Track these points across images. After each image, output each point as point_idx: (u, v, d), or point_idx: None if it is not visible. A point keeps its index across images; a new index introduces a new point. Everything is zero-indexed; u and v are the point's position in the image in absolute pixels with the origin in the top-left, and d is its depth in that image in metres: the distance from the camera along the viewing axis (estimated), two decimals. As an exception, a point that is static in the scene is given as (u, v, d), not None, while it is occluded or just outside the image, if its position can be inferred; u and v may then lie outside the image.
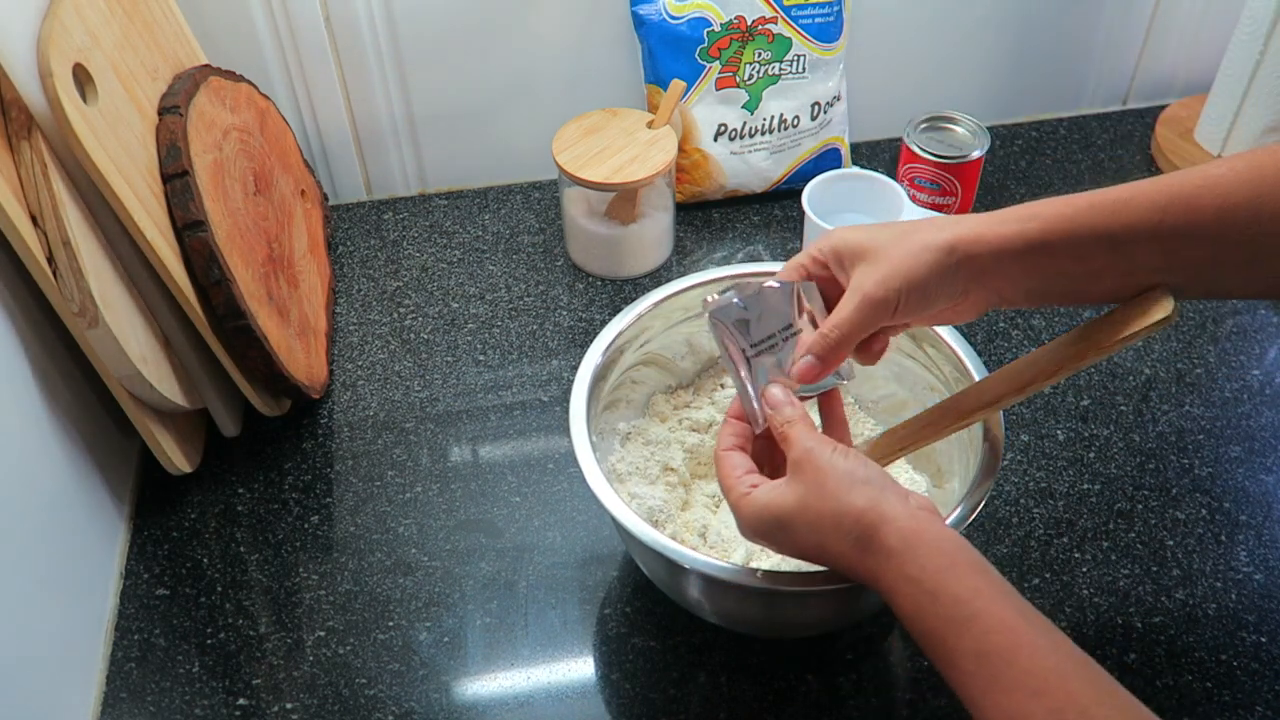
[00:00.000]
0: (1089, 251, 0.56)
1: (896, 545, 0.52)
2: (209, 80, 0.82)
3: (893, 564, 0.52)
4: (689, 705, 0.71)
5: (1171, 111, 1.13)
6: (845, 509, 0.54)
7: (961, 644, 0.49)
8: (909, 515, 0.53)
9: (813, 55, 1.01)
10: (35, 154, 0.67)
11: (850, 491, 0.54)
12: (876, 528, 0.53)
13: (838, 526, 0.54)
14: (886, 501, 0.53)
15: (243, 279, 0.77)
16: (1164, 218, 0.55)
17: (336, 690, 0.72)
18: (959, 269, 0.57)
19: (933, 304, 0.58)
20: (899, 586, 0.52)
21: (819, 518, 0.54)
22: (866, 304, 0.57)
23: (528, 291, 0.99)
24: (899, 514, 0.53)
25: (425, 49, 1.00)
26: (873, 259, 0.58)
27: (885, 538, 0.52)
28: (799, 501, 0.55)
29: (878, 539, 0.52)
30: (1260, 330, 0.93)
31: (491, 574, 0.78)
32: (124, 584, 0.78)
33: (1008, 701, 0.47)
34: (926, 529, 0.52)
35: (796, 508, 0.55)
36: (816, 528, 0.54)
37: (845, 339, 0.59)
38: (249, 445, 0.87)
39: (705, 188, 1.05)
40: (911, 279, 0.56)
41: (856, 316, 0.58)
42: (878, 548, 0.52)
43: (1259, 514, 0.80)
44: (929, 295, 0.57)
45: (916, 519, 0.53)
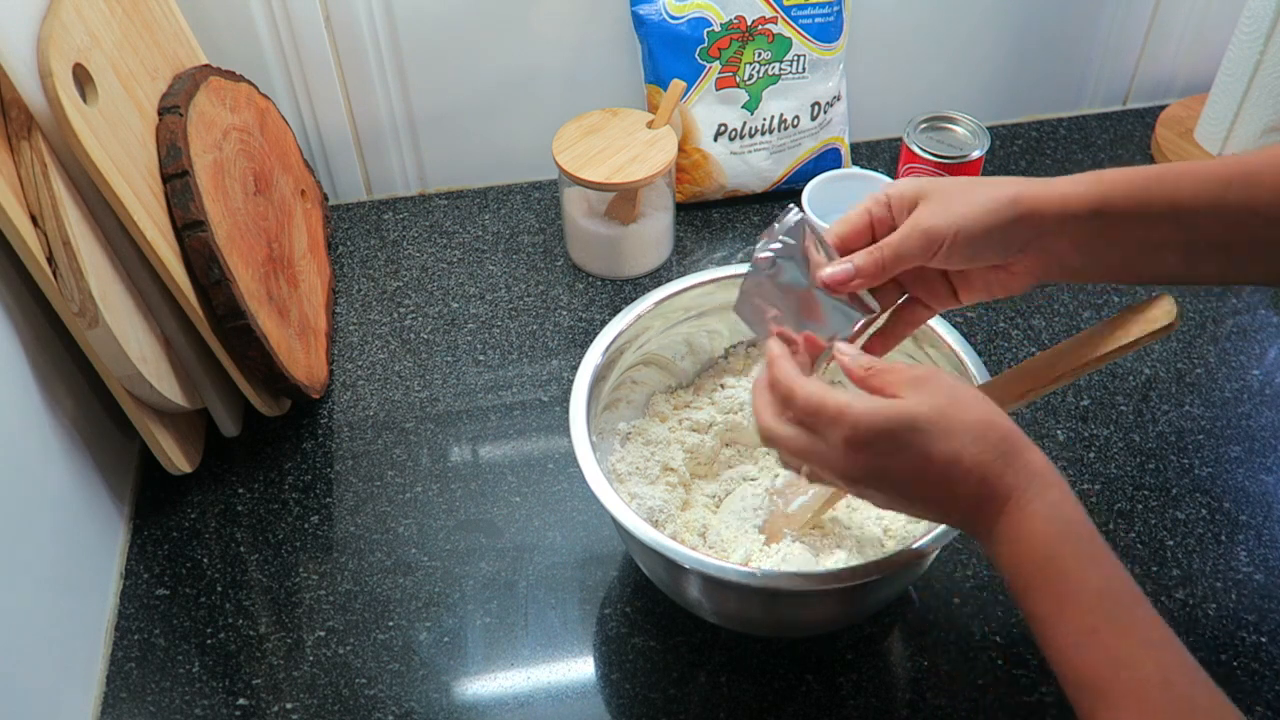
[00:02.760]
0: (1153, 220, 0.56)
1: (1041, 469, 0.51)
2: (209, 80, 0.82)
3: (1036, 482, 0.50)
4: (689, 705, 0.71)
5: (1171, 111, 1.13)
6: (991, 420, 0.52)
7: (1089, 579, 0.49)
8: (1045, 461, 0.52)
9: (813, 55, 1.01)
10: (35, 154, 0.67)
11: (992, 410, 0.52)
12: (1023, 449, 0.51)
13: (983, 435, 0.51)
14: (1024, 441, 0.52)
15: (243, 279, 0.77)
16: (1227, 191, 0.55)
17: (336, 690, 0.72)
18: (1019, 223, 0.56)
19: (982, 254, 0.57)
20: (1036, 507, 0.50)
21: (959, 425, 0.51)
22: (917, 231, 0.57)
23: (528, 291, 0.99)
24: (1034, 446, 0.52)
25: (425, 49, 1.00)
26: (934, 199, 0.58)
27: (1031, 460, 0.51)
28: (934, 409, 0.51)
29: (1023, 458, 0.51)
30: (1260, 330, 0.93)
31: (491, 574, 0.78)
32: (124, 584, 0.78)
33: (1120, 645, 0.47)
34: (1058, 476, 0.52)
35: (932, 414, 0.51)
36: (955, 434, 0.51)
37: (889, 259, 0.58)
38: (249, 445, 0.87)
39: (705, 188, 1.05)
40: (967, 221, 0.56)
41: (904, 242, 0.57)
42: (1022, 466, 0.51)
43: (1259, 514, 0.80)
44: (980, 244, 0.56)
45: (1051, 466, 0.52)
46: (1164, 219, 0.56)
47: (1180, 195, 0.55)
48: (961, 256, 0.57)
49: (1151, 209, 0.56)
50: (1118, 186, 0.56)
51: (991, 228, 0.56)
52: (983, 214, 0.56)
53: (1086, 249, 0.57)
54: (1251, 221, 0.55)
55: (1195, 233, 0.56)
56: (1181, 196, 0.55)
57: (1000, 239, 0.56)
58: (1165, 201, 0.55)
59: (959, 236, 0.56)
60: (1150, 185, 0.56)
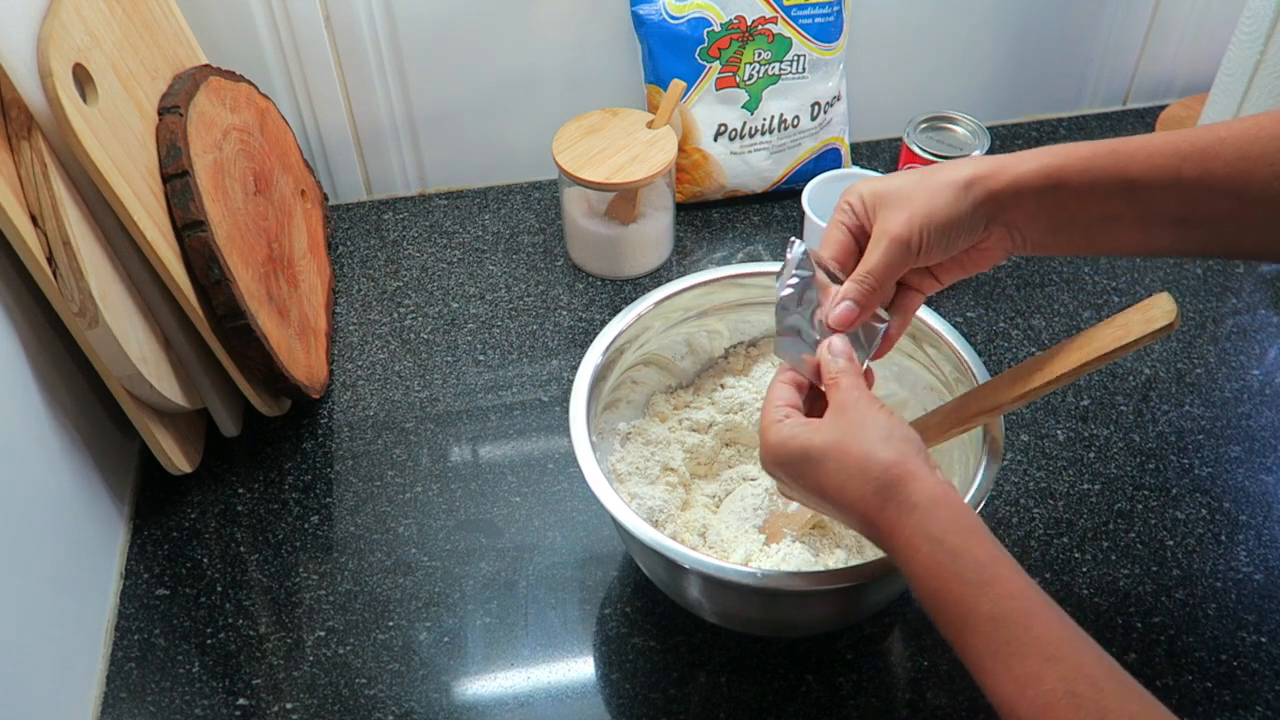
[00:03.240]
0: (1107, 193, 0.56)
1: (921, 501, 0.52)
2: (209, 80, 0.82)
3: (914, 518, 0.52)
4: (689, 705, 0.71)
5: (1171, 111, 1.13)
6: (876, 456, 0.53)
7: (980, 606, 0.49)
8: (935, 479, 0.53)
9: (813, 55, 1.01)
10: (35, 154, 0.67)
11: (885, 442, 0.54)
12: (904, 481, 0.53)
13: (864, 471, 0.53)
14: (915, 461, 0.53)
15: (243, 279, 0.77)
16: (1182, 165, 0.55)
17: (336, 690, 0.72)
18: (978, 204, 0.57)
19: (955, 242, 0.58)
20: (917, 542, 0.51)
21: (848, 458, 0.54)
22: (892, 245, 0.58)
23: (528, 291, 0.99)
24: (926, 475, 0.53)
25: (425, 49, 1.00)
26: (895, 203, 0.58)
27: (910, 492, 0.52)
28: (833, 440, 0.55)
29: (902, 491, 0.52)
30: (1260, 330, 0.93)
31: (491, 574, 0.78)
32: (124, 584, 0.78)
33: (1020, 666, 0.47)
34: (950, 494, 0.53)
35: (829, 444, 0.55)
36: (843, 468, 0.54)
37: (878, 282, 0.59)
38: (249, 445, 0.87)
39: (705, 188, 1.05)
40: (933, 216, 0.57)
41: (884, 259, 0.58)
42: (901, 500, 0.52)
43: (1259, 514, 0.80)
44: (951, 232, 0.58)
45: (942, 484, 0.53)
46: (1117, 193, 0.56)
47: (1133, 170, 0.56)
48: (937, 250, 0.58)
49: (1104, 183, 0.56)
50: (1070, 162, 0.57)
51: (954, 218, 0.57)
52: (944, 206, 0.57)
53: (1044, 224, 0.58)
54: (1207, 196, 0.55)
55: (1150, 206, 0.56)
56: (1134, 171, 0.56)
57: (966, 224, 0.58)
58: (1118, 176, 0.56)
59: (928, 235, 0.57)
60: (1103, 160, 0.56)
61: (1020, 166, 0.57)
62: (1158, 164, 0.56)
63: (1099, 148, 0.57)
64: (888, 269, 0.59)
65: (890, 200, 0.59)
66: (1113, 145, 0.57)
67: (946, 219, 0.57)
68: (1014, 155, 0.58)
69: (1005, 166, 0.57)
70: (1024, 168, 0.57)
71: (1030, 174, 0.57)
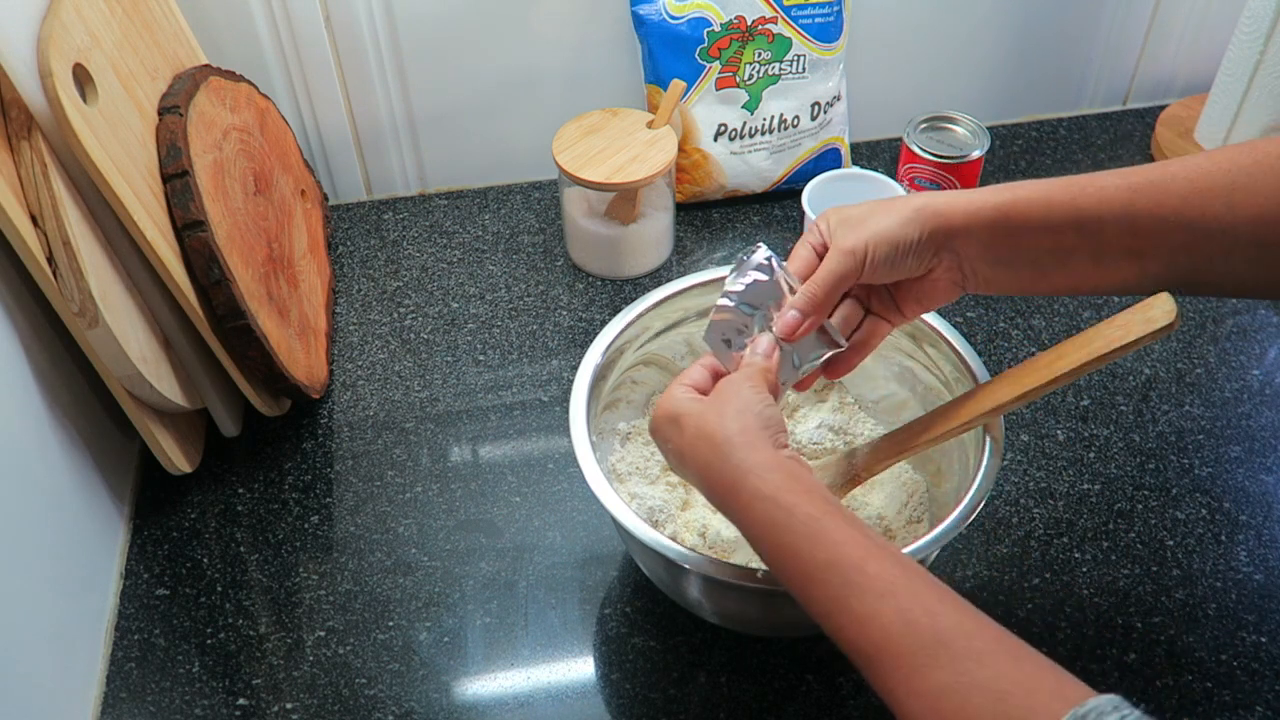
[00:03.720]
0: (1059, 225, 0.57)
1: (756, 466, 0.54)
2: (209, 80, 0.82)
3: (750, 480, 0.54)
4: (689, 705, 0.71)
5: (1171, 111, 1.13)
6: (725, 425, 0.56)
7: (815, 555, 0.51)
8: (772, 452, 0.55)
9: (813, 55, 1.01)
10: (35, 154, 0.67)
11: (737, 415, 0.57)
12: (742, 448, 0.55)
13: (711, 437, 0.56)
14: (759, 434, 0.56)
15: (243, 279, 0.77)
16: (1134, 197, 0.56)
17: (336, 690, 0.72)
18: (928, 229, 0.59)
19: (903, 263, 0.60)
20: (753, 502, 0.54)
21: (705, 426, 0.57)
22: (839, 256, 0.60)
23: (528, 291, 0.99)
24: (763, 446, 0.55)
25: (425, 49, 1.00)
26: (852, 224, 0.61)
27: (746, 458, 0.55)
28: (699, 409, 0.58)
29: (738, 456, 0.55)
30: (1260, 330, 0.93)
31: (491, 574, 0.78)
32: (124, 584, 0.78)
33: (859, 604, 0.49)
34: (786, 464, 0.55)
35: (694, 413, 0.58)
36: (699, 434, 0.57)
37: (822, 291, 0.61)
38: (249, 445, 0.87)
39: (705, 188, 1.05)
40: (880, 233, 0.59)
41: (830, 269, 0.61)
42: (737, 463, 0.55)
43: (1259, 514, 0.80)
44: (898, 252, 0.60)
45: (778, 455, 0.55)
46: (1069, 226, 0.58)
47: (1084, 202, 0.57)
48: (884, 268, 0.60)
49: (1056, 216, 0.58)
50: (1021, 195, 0.58)
51: (902, 239, 0.59)
52: (894, 225, 0.59)
53: (995, 255, 0.60)
54: (1159, 228, 0.56)
55: (1102, 239, 0.57)
56: (1086, 204, 0.57)
57: (915, 247, 0.60)
58: (1069, 208, 0.57)
59: (875, 250, 0.59)
60: (1055, 193, 0.58)
61: (974, 199, 0.59)
62: (1109, 196, 0.57)
63: (1053, 183, 0.59)
64: (832, 278, 0.61)
65: (849, 222, 0.61)
66: (1066, 180, 0.58)
67: (895, 237, 0.59)
68: (971, 190, 0.60)
69: (959, 199, 0.60)
70: (977, 200, 0.59)
71: (982, 205, 0.59)
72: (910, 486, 0.76)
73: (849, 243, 0.60)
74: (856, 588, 0.50)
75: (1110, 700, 0.43)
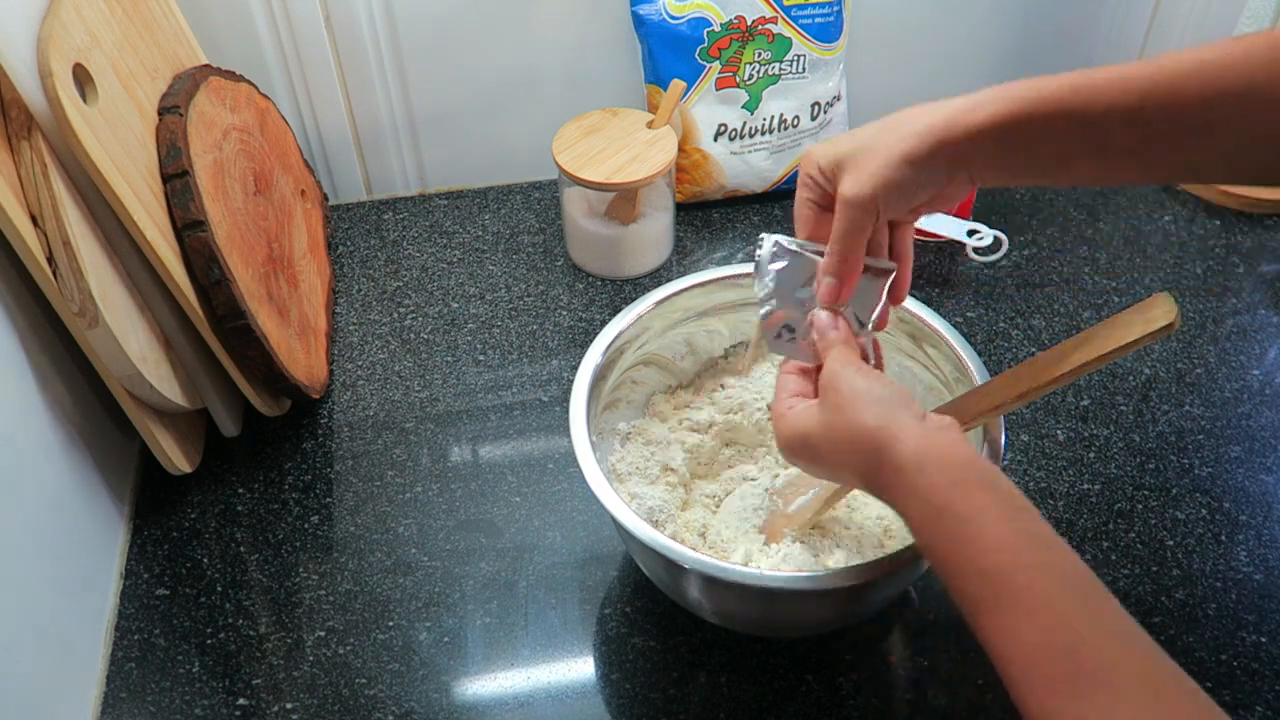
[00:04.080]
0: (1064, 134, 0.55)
1: (906, 462, 0.52)
2: (209, 80, 0.82)
3: (902, 480, 0.52)
4: (689, 705, 0.71)
5: (1171, 111, 1.13)
6: (859, 428, 0.54)
7: (963, 561, 0.49)
8: (920, 433, 0.53)
9: (813, 55, 1.01)
10: (35, 154, 0.67)
11: (864, 411, 0.54)
12: (888, 445, 0.53)
13: (853, 445, 0.54)
14: (897, 420, 0.53)
15: (243, 279, 0.77)
16: (1145, 104, 0.54)
17: (336, 690, 0.72)
18: (935, 161, 0.57)
19: (916, 196, 0.58)
20: (909, 503, 0.52)
21: (839, 437, 0.55)
22: (852, 210, 0.58)
23: (528, 291, 0.99)
24: (909, 431, 0.53)
25: (425, 49, 1.00)
26: (853, 166, 0.58)
27: (895, 455, 0.52)
28: (822, 422, 0.56)
29: (887, 455, 0.53)
30: (1260, 330, 0.93)
31: (491, 574, 0.78)
32: (124, 584, 0.78)
33: (1004, 619, 0.47)
34: (936, 445, 0.52)
35: (820, 428, 0.56)
36: (836, 446, 0.55)
37: (845, 250, 0.59)
38: (249, 445, 0.87)
39: (705, 188, 1.05)
40: (889, 181, 0.57)
41: (847, 225, 0.58)
42: (887, 464, 0.53)
43: (1259, 514, 0.80)
44: (910, 191, 0.57)
45: (928, 436, 0.53)
46: (1075, 135, 0.55)
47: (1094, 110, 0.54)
48: (899, 207, 0.58)
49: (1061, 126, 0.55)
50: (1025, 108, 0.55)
51: (909, 179, 0.57)
52: (900, 169, 0.57)
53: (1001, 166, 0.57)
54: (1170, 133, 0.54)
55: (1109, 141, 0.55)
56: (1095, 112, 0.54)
57: (925, 181, 0.57)
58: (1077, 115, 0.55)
59: (885, 196, 0.57)
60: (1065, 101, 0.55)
61: (977, 115, 0.56)
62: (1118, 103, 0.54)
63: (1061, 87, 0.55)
64: (851, 235, 0.59)
65: (848, 164, 0.58)
66: (1074, 82, 0.55)
67: (902, 180, 0.57)
68: (970, 100, 0.57)
69: (960, 117, 0.56)
70: (980, 116, 0.56)
71: (987, 124, 0.56)
72: (910, 486, 0.76)
73: (854, 191, 0.57)
74: (1004, 600, 0.48)
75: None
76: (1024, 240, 1.02)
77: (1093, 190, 1.07)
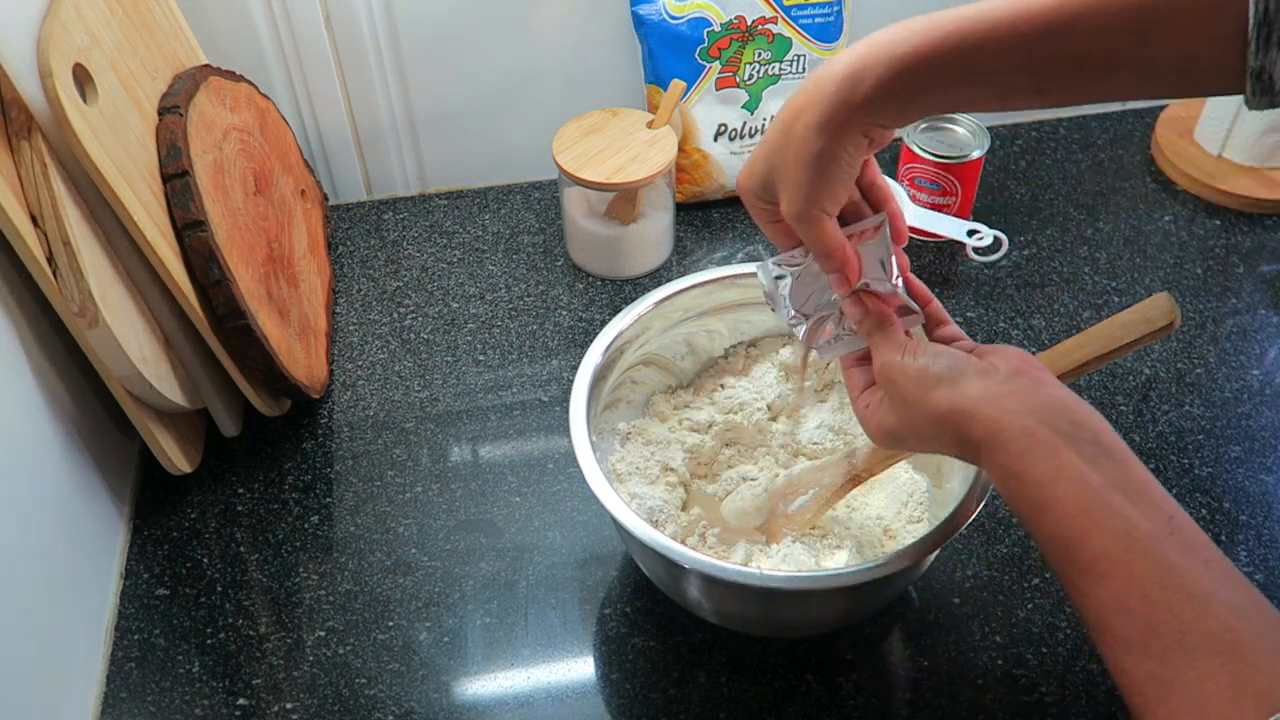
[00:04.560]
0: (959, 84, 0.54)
1: (984, 436, 0.53)
2: (209, 80, 0.82)
3: (984, 455, 0.53)
4: (689, 705, 0.71)
5: (1171, 111, 1.13)
6: (932, 414, 0.55)
7: (1042, 527, 0.51)
8: (989, 400, 0.53)
9: (813, 55, 1.01)
10: (35, 154, 0.67)
11: (930, 396, 0.55)
12: (965, 424, 0.54)
13: (936, 432, 0.55)
14: (966, 395, 0.54)
15: (243, 279, 0.77)
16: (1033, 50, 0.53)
17: (336, 690, 0.72)
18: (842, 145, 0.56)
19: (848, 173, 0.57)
20: (994, 474, 0.53)
21: (920, 427, 0.56)
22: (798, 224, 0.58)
23: (528, 291, 0.99)
24: (979, 402, 0.53)
25: (425, 49, 1.00)
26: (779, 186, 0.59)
27: (973, 432, 0.53)
28: (899, 417, 0.57)
29: (967, 434, 0.54)
30: (1260, 330, 0.93)
31: (491, 574, 0.78)
32: (124, 584, 0.78)
33: (1081, 580, 0.49)
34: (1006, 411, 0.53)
35: (900, 422, 0.57)
36: (923, 435, 0.57)
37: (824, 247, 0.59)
38: (249, 445, 0.87)
39: (705, 188, 1.05)
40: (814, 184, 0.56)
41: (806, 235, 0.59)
42: (970, 443, 0.54)
43: (1259, 514, 0.80)
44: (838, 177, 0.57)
45: (998, 401, 0.53)
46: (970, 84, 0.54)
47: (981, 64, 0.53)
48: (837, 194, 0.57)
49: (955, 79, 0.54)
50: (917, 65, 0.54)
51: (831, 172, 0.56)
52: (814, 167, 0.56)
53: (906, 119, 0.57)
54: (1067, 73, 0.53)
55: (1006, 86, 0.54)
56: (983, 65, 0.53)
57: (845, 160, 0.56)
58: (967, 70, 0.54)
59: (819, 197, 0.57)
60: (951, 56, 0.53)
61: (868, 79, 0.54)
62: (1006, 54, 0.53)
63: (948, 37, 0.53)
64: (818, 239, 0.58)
65: (773, 185, 0.59)
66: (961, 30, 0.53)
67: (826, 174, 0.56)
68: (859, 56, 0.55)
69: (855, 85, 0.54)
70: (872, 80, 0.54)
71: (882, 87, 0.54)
72: (910, 486, 0.76)
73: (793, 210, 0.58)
74: (1079, 565, 0.49)
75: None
76: (1024, 240, 1.02)
77: (1093, 190, 1.07)
